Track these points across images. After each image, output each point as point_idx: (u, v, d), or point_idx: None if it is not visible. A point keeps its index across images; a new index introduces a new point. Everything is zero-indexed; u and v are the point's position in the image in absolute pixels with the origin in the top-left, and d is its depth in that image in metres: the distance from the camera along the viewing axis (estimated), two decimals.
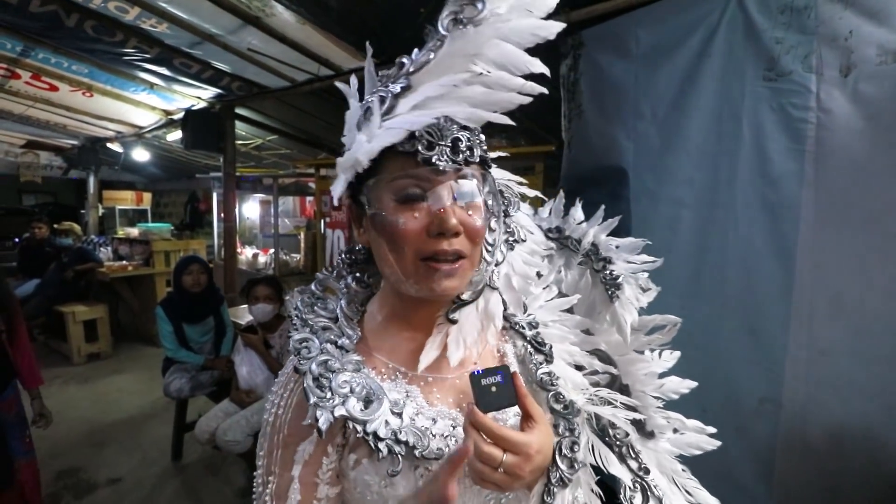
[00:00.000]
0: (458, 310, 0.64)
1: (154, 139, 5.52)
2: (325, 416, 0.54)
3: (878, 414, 1.27)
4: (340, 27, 2.38)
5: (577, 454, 0.61)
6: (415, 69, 0.54)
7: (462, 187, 0.57)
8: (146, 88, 3.77)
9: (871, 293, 1.29)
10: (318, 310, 0.65)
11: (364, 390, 0.57)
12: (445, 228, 0.55)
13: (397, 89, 0.55)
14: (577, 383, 0.69)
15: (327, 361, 0.58)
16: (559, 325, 0.73)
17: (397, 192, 0.56)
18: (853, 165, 1.29)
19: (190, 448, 3.01)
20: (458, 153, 0.55)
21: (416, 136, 0.54)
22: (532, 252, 0.69)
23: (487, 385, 0.52)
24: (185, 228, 8.13)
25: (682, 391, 0.78)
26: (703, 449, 0.76)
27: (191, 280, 2.90)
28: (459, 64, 0.54)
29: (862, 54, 1.25)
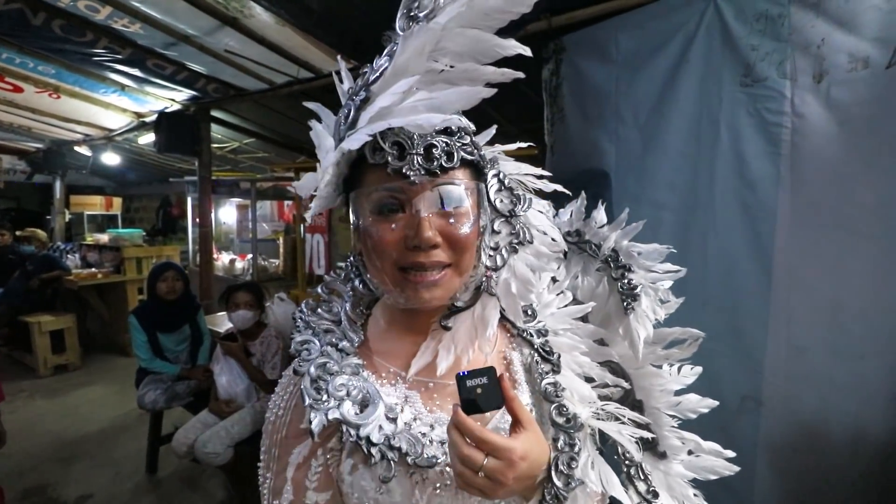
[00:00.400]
0: (452, 316, 0.62)
1: (125, 142, 5.34)
2: (319, 418, 0.53)
3: (854, 408, 1.32)
4: (321, 29, 2.35)
5: (574, 471, 0.58)
6: (374, 78, 0.52)
7: (444, 192, 0.55)
8: (117, 90, 3.64)
9: (845, 291, 1.34)
10: (321, 312, 0.65)
11: (360, 394, 0.57)
12: (420, 241, 0.53)
13: (358, 102, 0.53)
14: (584, 396, 0.66)
15: (326, 364, 0.57)
16: (570, 334, 0.70)
17: (374, 205, 0.55)
18: (827, 168, 1.34)
19: (166, 461, 2.91)
20: (433, 160, 0.53)
21: (385, 148, 0.53)
22: (537, 254, 0.64)
23: (473, 386, 0.51)
24: (157, 234, 7.90)
25: (700, 410, 0.75)
26: (719, 474, 0.74)
27: (166, 287, 2.81)
28: (415, 65, 0.51)
29: (833, 61, 1.30)
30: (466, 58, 0.52)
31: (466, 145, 0.57)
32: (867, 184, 1.27)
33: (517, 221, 0.65)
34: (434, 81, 0.52)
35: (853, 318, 1.32)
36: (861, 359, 1.31)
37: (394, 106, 0.51)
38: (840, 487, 1.34)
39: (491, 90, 0.51)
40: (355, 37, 2.34)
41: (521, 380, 0.66)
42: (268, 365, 2.44)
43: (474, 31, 0.51)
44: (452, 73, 0.52)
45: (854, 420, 1.32)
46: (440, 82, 0.52)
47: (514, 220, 0.65)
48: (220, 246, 6.54)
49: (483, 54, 0.52)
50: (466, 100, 0.51)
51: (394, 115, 0.51)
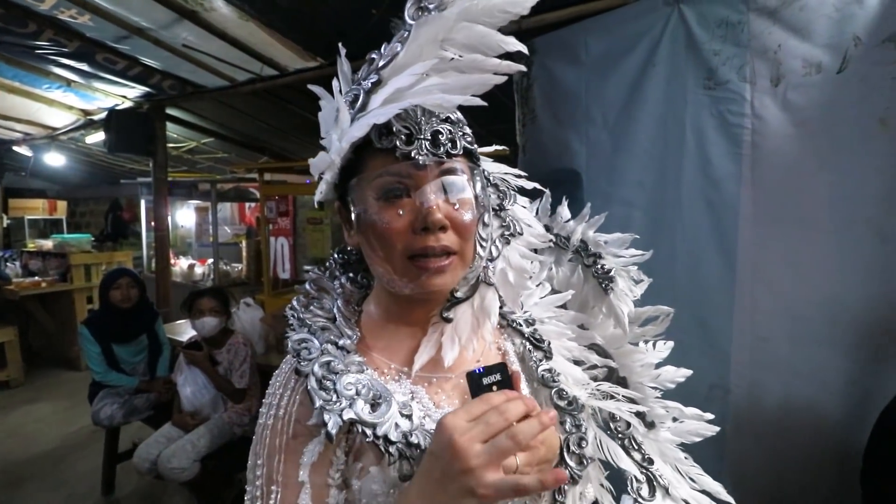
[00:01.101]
0: (453, 308, 0.63)
1: (70, 142, 5.02)
2: (334, 419, 0.51)
3: (814, 393, 1.40)
4: (287, 25, 2.28)
5: (585, 450, 0.61)
6: (384, 63, 0.53)
7: (447, 181, 0.56)
8: (62, 86, 3.42)
9: (803, 283, 1.42)
10: (314, 309, 0.63)
11: (370, 392, 0.55)
12: (430, 223, 0.53)
13: (368, 85, 0.54)
14: (577, 379, 0.70)
15: (330, 362, 0.55)
16: (555, 322, 0.73)
17: (379, 191, 0.55)
18: (785, 167, 1.41)
19: (124, 480, 2.75)
20: (439, 146, 0.55)
21: (394, 131, 0.53)
22: (529, 245, 0.68)
23: (488, 384, 0.50)
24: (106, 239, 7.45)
25: (678, 380, 0.80)
26: (702, 435, 0.78)
27: (120, 295, 2.65)
28: (428, 51, 0.52)
29: (789, 66, 1.37)
30: (473, 50, 0.54)
31: (466, 135, 0.58)
32: (822, 181, 1.36)
33: (506, 215, 0.68)
34: (445, 69, 0.53)
35: (811, 307, 1.40)
36: (819, 346, 1.39)
37: (409, 88, 0.52)
38: (803, 467, 1.42)
39: (501, 77, 0.53)
40: (324, 35, 2.29)
41: (517, 369, 0.68)
42: (236, 373, 2.35)
43: (481, 26, 0.53)
44: (462, 63, 0.53)
45: (813, 404, 1.40)
46: (450, 70, 0.53)
47: (504, 214, 0.67)
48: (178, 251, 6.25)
49: (488, 48, 0.54)
50: (479, 85, 0.53)
51: (410, 96, 0.52)
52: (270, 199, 3.75)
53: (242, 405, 2.36)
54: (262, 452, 0.56)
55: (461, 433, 0.43)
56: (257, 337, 2.66)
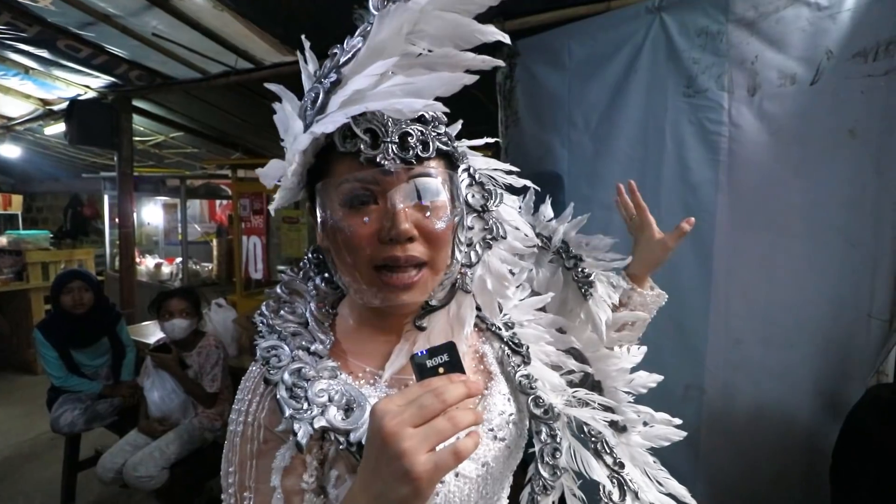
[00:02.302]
0: (427, 316, 0.61)
1: (27, 133, 4.76)
2: (304, 428, 0.49)
3: (784, 393, 1.45)
4: (264, 17, 2.22)
5: (559, 461, 0.61)
6: (345, 60, 0.49)
7: (420, 184, 0.52)
8: (19, 73, 3.23)
9: (776, 286, 1.47)
10: (285, 314, 0.60)
11: (343, 398, 0.53)
12: (396, 234, 0.50)
13: (328, 85, 0.50)
14: (554, 385, 0.69)
15: (301, 369, 0.53)
16: (534, 325, 0.72)
17: (344, 197, 0.52)
18: (759, 175, 1.46)
19: (85, 489, 2.61)
20: (408, 149, 0.51)
21: (358, 135, 0.50)
22: (511, 249, 0.65)
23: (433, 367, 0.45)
24: (65, 236, 7.10)
25: (650, 385, 0.81)
26: (670, 440, 0.79)
27: (71, 300, 2.46)
28: (393, 46, 0.48)
29: (765, 77, 1.42)
30: (445, 42, 0.50)
31: (441, 135, 0.55)
32: (795, 188, 1.41)
33: (490, 217, 0.65)
34: (411, 65, 0.49)
35: (782, 310, 1.45)
36: (790, 348, 1.44)
37: (369, 89, 0.48)
38: (773, 463, 1.47)
39: (472, 77, 0.49)
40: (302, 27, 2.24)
41: (496, 371, 0.67)
42: (207, 377, 2.26)
43: (453, 14, 0.49)
44: (431, 58, 0.50)
45: (784, 404, 1.45)
46: (418, 66, 0.50)
47: (487, 216, 0.64)
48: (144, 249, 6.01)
49: (462, 39, 0.50)
50: (447, 85, 0.48)
51: (370, 98, 0.48)
52: (244, 196, 3.64)
53: (214, 410, 2.28)
54: (233, 459, 0.54)
55: (392, 417, 0.40)
56: (230, 339, 2.57)
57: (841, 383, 1.36)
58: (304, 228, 3.54)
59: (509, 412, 0.64)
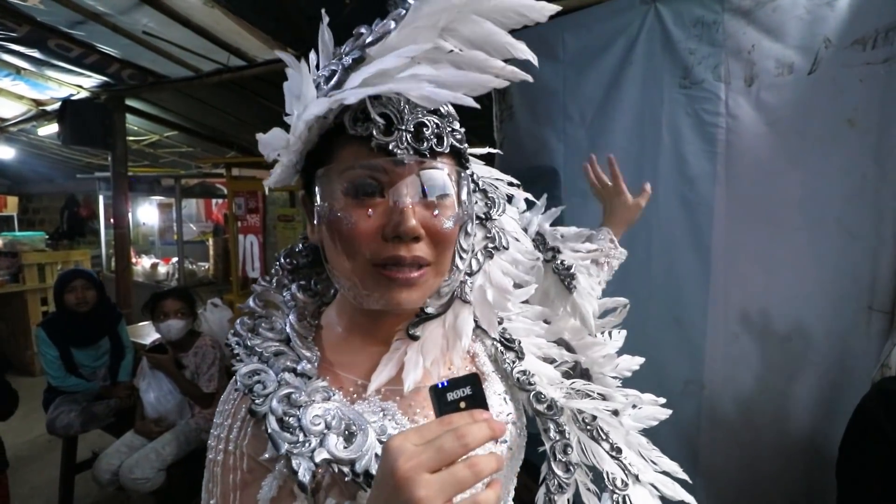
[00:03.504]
0: (422, 324, 0.57)
1: (21, 134, 4.73)
2: (305, 465, 0.45)
3: (782, 386, 1.44)
4: (255, 13, 2.19)
5: (570, 457, 0.59)
6: (373, 40, 0.47)
7: (428, 181, 0.49)
8: (11, 73, 3.20)
9: (775, 279, 1.45)
10: (263, 332, 0.55)
11: (342, 423, 0.49)
12: (403, 231, 0.47)
13: (349, 62, 0.47)
14: (551, 378, 0.67)
15: (290, 395, 0.48)
16: (522, 318, 0.70)
17: (349, 186, 0.48)
18: (757, 166, 1.44)
19: (83, 492, 2.60)
20: (423, 141, 0.48)
21: (371, 118, 0.46)
22: (514, 262, 0.63)
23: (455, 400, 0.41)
24: (62, 237, 7.07)
25: (634, 367, 0.81)
26: (658, 419, 0.78)
27: (75, 298, 2.47)
28: (426, 36, 0.46)
29: (762, 66, 1.40)
30: (475, 47, 0.48)
31: (455, 131, 0.52)
32: (792, 180, 1.39)
33: (492, 225, 0.62)
34: (440, 60, 0.47)
35: (782, 303, 1.44)
36: (788, 340, 1.42)
37: (396, 71, 0.45)
38: (774, 458, 1.46)
39: (502, 82, 0.48)
40: (294, 24, 2.21)
41: (488, 371, 0.65)
42: (203, 377, 2.25)
43: (489, 23, 0.47)
44: (460, 57, 0.47)
45: (783, 397, 1.44)
46: (445, 62, 0.47)
47: (490, 224, 0.62)
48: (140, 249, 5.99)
49: (493, 49, 0.48)
50: (474, 85, 0.47)
51: (396, 80, 0.45)
52: (239, 195, 3.62)
53: (211, 410, 2.26)
54: (214, 491, 0.50)
55: (407, 458, 0.36)
56: (226, 339, 2.55)
57: (842, 377, 1.34)
58: (299, 227, 3.53)
59: (507, 412, 0.63)
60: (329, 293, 0.62)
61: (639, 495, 0.64)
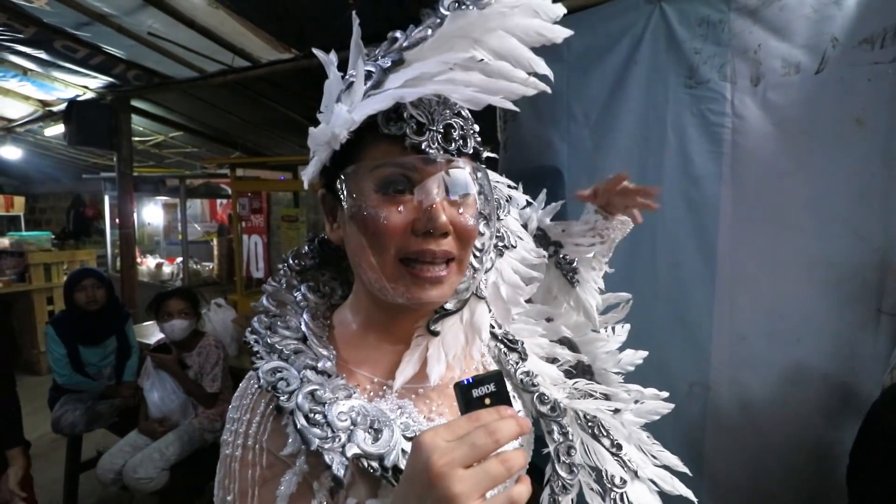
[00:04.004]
0: (441, 320, 0.58)
1: (28, 134, 4.76)
2: (338, 460, 0.45)
3: (790, 390, 1.42)
4: (259, 14, 2.19)
5: (574, 458, 0.60)
6: (409, 44, 0.49)
7: (453, 180, 0.51)
8: (18, 75, 3.23)
9: (781, 281, 1.44)
10: (280, 330, 0.56)
11: (367, 419, 0.50)
12: (434, 227, 0.49)
13: (388, 63, 0.49)
14: (554, 378, 0.68)
15: (315, 392, 0.49)
16: (525, 318, 0.72)
17: (380, 182, 0.50)
18: (764, 166, 1.43)
19: (88, 491, 2.62)
20: (451, 142, 0.51)
21: (405, 118, 0.49)
22: (523, 259, 0.66)
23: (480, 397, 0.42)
24: (67, 237, 7.11)
25: (637, 362, 0.82)
26: (660, 413, 0.79)
27: (85, 297, 2.50)
28: (460, 45, 0.49)
29: (769, 66, 1.38)
30: (502, 59, 0.51)
31: (476, 133, 0.55)
32: (799, 180, 1.37)
33: (500, 225, 0.65)
34: (472, 68, 0.50)
35: (789, 305, 1.42)
36: (797, 344, 1.41)
37: (436, 75, 0.48)
38: (781, 463, 1.44)
39: (529, 90, 0.51)
40: (298, 25, 2.21)
41: None
42: (207, 377, 2.25)
43: (514, 39, 0.51)
44: (489, 67, 0.50)
45: (791, 401, 1.42)
46: (476, 70, 0.50)
47: (497, 224, 0.65)
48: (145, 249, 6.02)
49: (517, 62, 0.51)
50: (506, 92, 0.50)
51: (438, 83, 0.48)
52: (243, 195, 3.63)
53: (214, 410, 2.27)
54: (232, 487, 0.50)
55: (441, 454, 0.36)
56: (230, 339, 2.56)
57: (850, 380, 1.33)
58: (303, 227, 3.53)
59: (517, 410, 0.63)
60: (336, 295, 0.64)
61: (637, 492, 0.65)
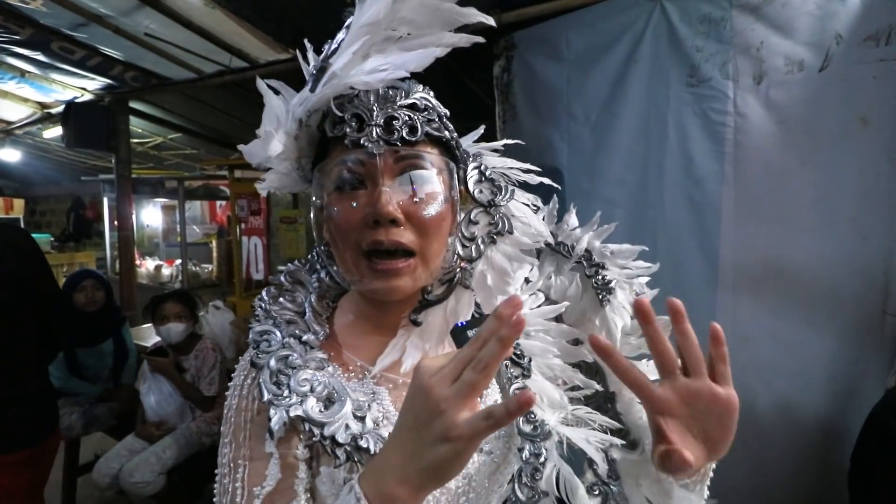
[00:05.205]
0: (423, 310, 0.60)
1: (27, 136, 4.75)
2: (279, 415, 0.50)
3: (795, 393, 1.40)
4: (256, 14, 2.18)
5: (538, 483, 0.57)
6: (332, 50, 0.52)
7: (406, 169, 0.53)
8: (16, 77, 3.21)
9: (785, 282, 1.41)
10: (283, 301, 0.61)
11: (325, 390, 0.53)
12: (378, 215, 0.50)
13: (314, 73, 0.53)
14: (553, 400, 0.65)
15: (288, 357, 0.54)
16: (543, 336, 0.68)
17: (333, 180, 0.53)
18: (766, 166, 1.41)
19: (85, 494, 2.60)
20: (393, 132, 0.52)
21: (344, 119, 0.52)
22: (517, 244, 0.62)
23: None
24: (67, 239, 7.12)
25: None
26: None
27: (84, 298, 2.48)
28: (374, 33, 0.50)
29: (772, 64, 1.36)
30: (426, 27, 0.52)
31: (433, 121, 0.55)
32: (803, 180, 1.35)
33: (497, 212, 0.63)
34: (390, 48, 0.51)
35: (792, 307, 1.40)
36: (801, 346, 1.39)
37: (346, 70, 0.50)
38: (785, 467, 1.42)
39: (444, 49, 0.52)
40: (295, 25, 2.20)
41: None
42: (204, 381, 2.23)
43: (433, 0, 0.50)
44: (409, 42, 0.51)
45: (795, 404, 1.40)
46: (395, 49, 0.52)
47: (494, 211, 0.63)
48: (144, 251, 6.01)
49: (445, 22, 0.51)
50: (419, 61, 0.51)
51: (343, 77, 0.50)
52: (242, 197, 3.61)
53: (212, 413, 2.24)
54: (227, 431, 0.55)
55: (432, 373, 0.40)
56: (227, 342, 2.54)
57: (855, 382, 1.30)
58: (301, 228, 3.51)
59: None
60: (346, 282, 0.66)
61: None
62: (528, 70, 1.88)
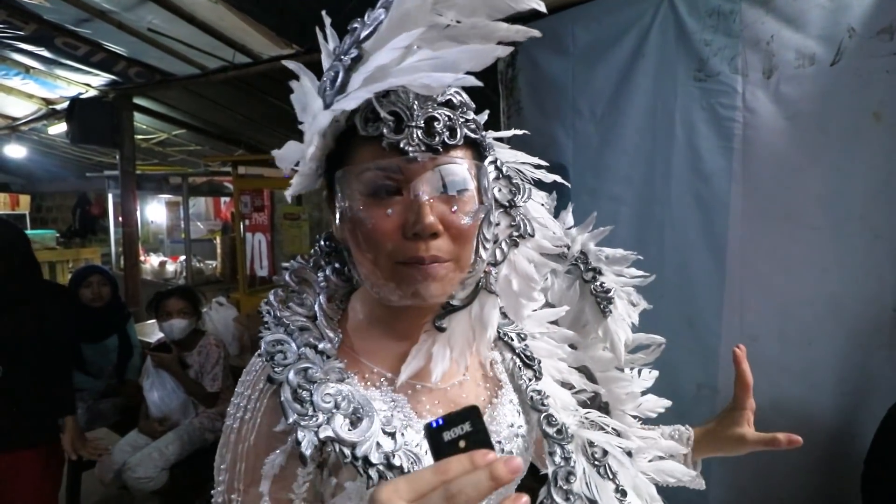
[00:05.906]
0: (448, 316, 0.57)
1: (32, 132, 4.77)
2: (309, 438, 0.46)
3: (804, 393, 1.38)
4: (260, 9, 2.17)
5: (573, 485, 0.56)
6: (367, 34, 0.45)
7: (446, 176, 0.48)
8: (20, 73, 3.24)
9: (794, 280, 1.39)
10: (293, 306, 0.56)
11: (351, 406, 0.49)
12: (420, 229, 0.46)
13: (348, 62, 0.45)
14: (565, 403, 0.64)
15: (307, 370, 0.50)
16: (547, 339, 0.68)
17: (366, 186, 0.48)
18: (776, 162, 1.38)
19: (90, 490, 2.60)
20: (434, 135, 0.47)
21: (381, 118, 0.46)
22: (539, 248, 0.61)
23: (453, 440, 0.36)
24: (73, 235, 7.16)
25: (658, 410, 0.76)
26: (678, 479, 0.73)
27: (90, 293, 2.50)
28: (419, 17, 0.44)
29: (782, 58, 1.33)
30: (474, 13, 0.45)
31: (469, 122, 0.50)
32: (814, 177, 1.33)
33: (517, 213, 0.60)
34: (438, 39, 0.45)
35: (801, 305, 1.38)
36: (809, 345, 1.36)
37: (393, 65, 0.43)
38: (793, 468, 1.40)
39: (506, 48, 0.44)
40: (298, 19, 2.18)
41: (504, 380, 0.64)
42: (207, 377, 2.24)
43: None
44: (459, 29, 0.45)
45: (804, 404, 1.38)
46: (445, 39, 0.45)
47: (514, 212, 0.60)
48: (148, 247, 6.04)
49: (493, 9, 0.45)
50: (478, 58, 0.43)
51: (394, 74, 0.43)
52: (245, 193, 3.61)
53: (215, 410, 2.25)
54: (226, 457, 0.52)
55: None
56: (231, 338, 2.55)
57: (865, 383, 1.28)
58: (305, 225, 3.51)
59: (518, 424, 0.61)
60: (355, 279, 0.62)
61: None
62: (533, 65, 1.85)
